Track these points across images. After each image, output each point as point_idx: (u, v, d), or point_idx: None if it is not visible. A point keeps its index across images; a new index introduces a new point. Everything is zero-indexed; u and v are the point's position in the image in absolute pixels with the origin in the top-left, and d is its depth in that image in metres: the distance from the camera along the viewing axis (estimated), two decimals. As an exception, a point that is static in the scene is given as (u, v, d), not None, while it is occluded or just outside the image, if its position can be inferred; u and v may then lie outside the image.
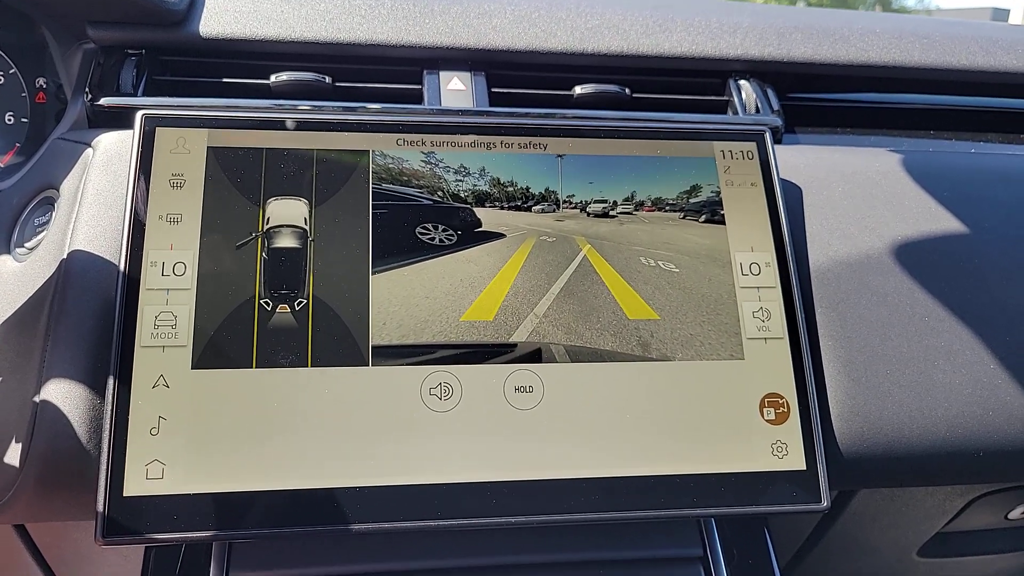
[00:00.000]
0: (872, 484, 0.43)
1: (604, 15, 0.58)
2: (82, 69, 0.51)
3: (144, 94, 0.49)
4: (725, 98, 0.57)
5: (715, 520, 0.44)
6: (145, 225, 0.39)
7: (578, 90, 0.54)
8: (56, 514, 0.38)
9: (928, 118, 0.64)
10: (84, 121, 0.49)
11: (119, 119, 0.48)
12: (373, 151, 0.42)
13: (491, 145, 0.44)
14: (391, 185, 0.42)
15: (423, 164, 0.43)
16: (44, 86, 0.59)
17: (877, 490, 0.52)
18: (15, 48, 0.58)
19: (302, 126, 0.42)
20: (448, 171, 0.43)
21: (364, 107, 0.46)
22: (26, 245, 0.45)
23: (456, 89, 0.53)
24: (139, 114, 0.41)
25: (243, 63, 0.52)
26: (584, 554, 0.43)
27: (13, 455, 0.37)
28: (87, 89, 0.49)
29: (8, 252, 0.46)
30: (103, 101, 0.48)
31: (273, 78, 0.51)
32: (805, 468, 0.40)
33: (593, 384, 0.40)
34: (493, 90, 0.53)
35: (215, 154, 0.41)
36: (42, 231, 0.45)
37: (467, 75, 0.53)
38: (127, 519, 0.35)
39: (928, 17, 0.74)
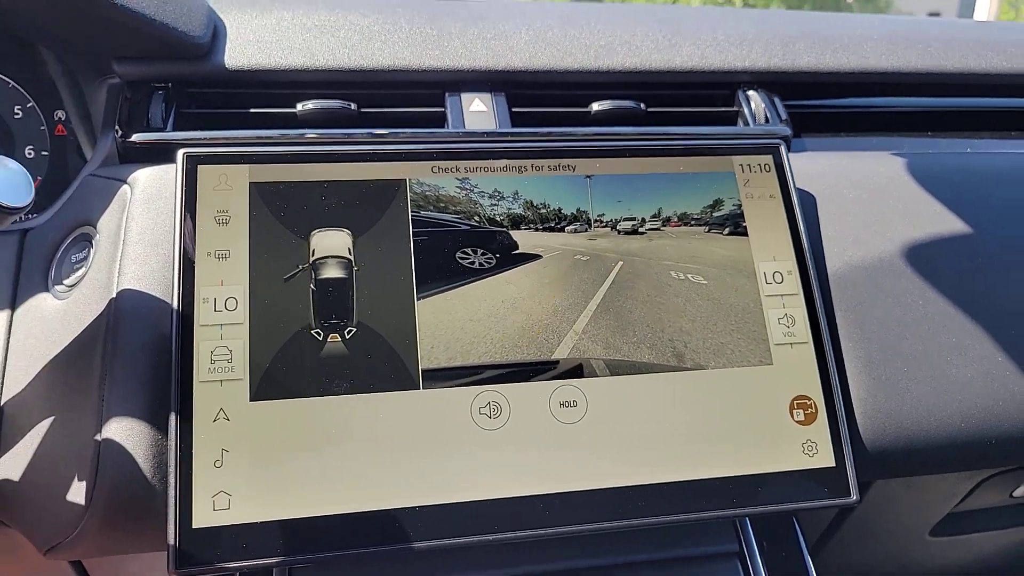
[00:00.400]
0: (894, 475, 0.46)
1: (615, 32, 0.59)
2: (109, 104, 0.51)
3: (174, 128, 0.50)
4: (735, 109, 0.59)
5: (749, 517, 0.46)
6: (194, 262, 0.40)
7: (595, 107, 0.56)
8: (122, 548, 0.39)
9: (924, 119, 0.66)
10: (115, 156, 0.50)
11: (151, 153, 0.49)
12: (409, 179, 0.44)
13: (522, 168, 0.45)
14: (429, 212, 0.43)
15: (458, 190, 0.44)
16: (63, 119, 0.60)
17: (893, 478, 0.55)
18: (32, 82, 0.58)
19: (339, 158, 0.43)
20: (483, 196, 0.44)
21: (397, 136, 0.48)
22: (65, 283, 0.46)
23: (478, 111, 0.54)
24: (180, 153, 0.42)
25: (268, 92, 0.53)
26: (627, 556, 0.45)
27: (78, 493, 0.38)
28: (117, 125, 0.50)
29: (46, 290, 0.46)
30: (136, 137, 0.48)
31: (300, 107, 0.52)
32: (835, 464, 0.42)
33: (633, 395, 0.42)
34: (514, 110, 0.55)
35: (257, 189, 0.42)
36: (80, 268, 0.46)
37: (488, 96, 0.55)
38: (198, 550, 0.36)
39: (921, 19, 0.77)
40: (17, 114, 0.59)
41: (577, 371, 0.42)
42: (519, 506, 0.39)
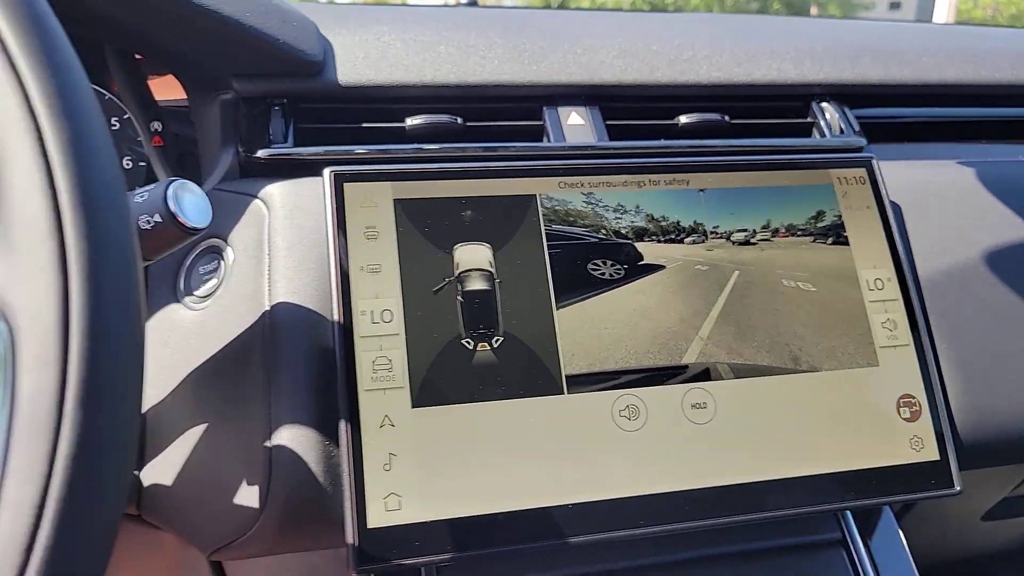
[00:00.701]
0: (987, 464, 0.50)
1: (695, 47, 0.62)
2: (225, 120, 0.53)
3: (295, 143, 0.51)
4: (809, 120, 0.63)
5: (866, 508, 0.49)
6: (350, 277, 0.42)
7: (683, 119, 0.59)
8: (293, 547, 0.41)
9: (977, 128, 0.70)
10: (235, 171, 0.51)
11: (272, 168, 0.50)
12: (539, 195, 0.46)
13: (641, 183, 0.48)
14: (559, 226, 0.46)
15: (585, 204, 0.47)
16: (159, 130, 0.61)
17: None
18: (129, 94, 0.59)
19: (473, 174, 0.45)
20: (607, 210, 0.47)
21: (527, 151, 0.50)
22: (196, 294, 0.47)
23: (576, 124, 0.56)
24: (327, 172, 0.44)
25: (375, 107, 0.55)
26: (737, 546, 0.48)
27: (249, 497, 0.40)
28: (239, 140, 0.51)
29: (177, 300, 0.48)
30: (263, 153, 0.50)
31: (409, 121, 0.54)
32: (939, 458, 0.46)
33: (757, 397, 0.45)
34: (607, 122, 0.57)
35: (401, 206, 0.44)
36: (210, 280, 0.47)
37: (583, 109, 0.57)
38: (374, 549, 0.38)
39: (967, 28, 0.81)
40: (114, 125, 0.60)
41: (705, 375, 0.45)
42: (660, 502, 0.42)
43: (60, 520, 0.23)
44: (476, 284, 0.43)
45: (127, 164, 0.61)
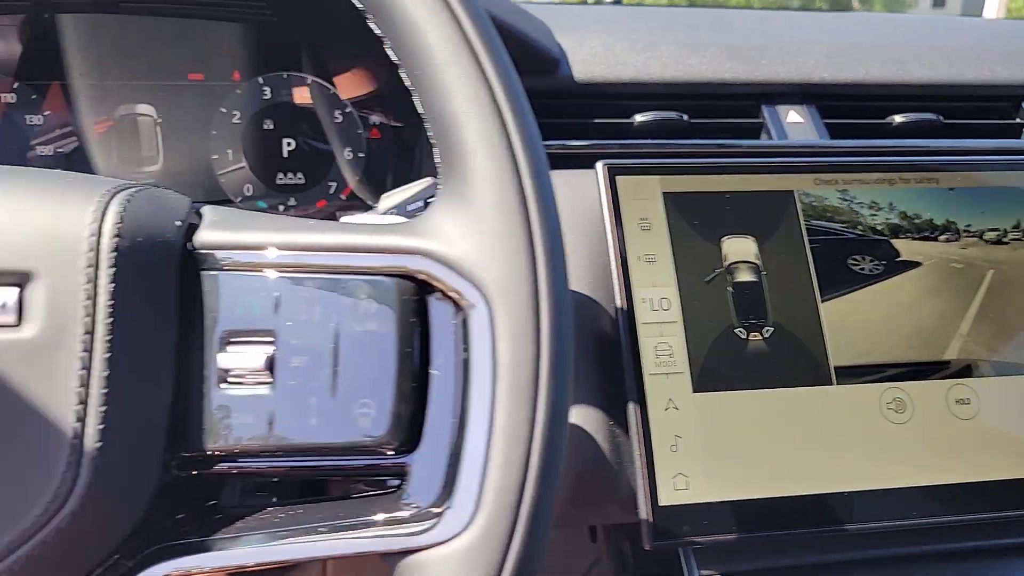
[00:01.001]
0: None
1: (903, 47, 0.62)
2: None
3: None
4: (1019, 121, 0.62)
5: None
6: (628, 266, 0.44)
7: (898, 119, 0.59)
8: (577, 521, 0.43)
9: None
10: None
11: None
12: (797, 191, 0.47)
13: (892, 181, 0.48)
14: (818, 221, 0.47)
15: (840, 201, 0.47)
16: (379, 123, 0.64)
17: None
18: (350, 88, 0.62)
19: (733, 170, 0.47)
20: (862, 207, 0.48)
21: (788, 148, 0.51)
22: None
23: (796, 122, 0.57)
24: (600, 165, 0.46)
25: (604, 103, 0.57)
26: (978, 542, 0.49)
27: (537, 471, 0.43)
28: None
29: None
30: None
31: (638, 118, 0.55)
32: None
33: (1019, 395, 0.45)
34: (825, 121, 0.58)
35: (670, 199, 0.46)
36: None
37: (802, 108, 0.58)
38: (666, 526, 0.40)
39: None
40: (338, 118, 0.63)
41: (967, 371, 0.45)
42: (928, 495, 0.43)
43: (542, 474, 0.25)
44: (745, 276, 0.45)
45: (348, 155, 0.65)
